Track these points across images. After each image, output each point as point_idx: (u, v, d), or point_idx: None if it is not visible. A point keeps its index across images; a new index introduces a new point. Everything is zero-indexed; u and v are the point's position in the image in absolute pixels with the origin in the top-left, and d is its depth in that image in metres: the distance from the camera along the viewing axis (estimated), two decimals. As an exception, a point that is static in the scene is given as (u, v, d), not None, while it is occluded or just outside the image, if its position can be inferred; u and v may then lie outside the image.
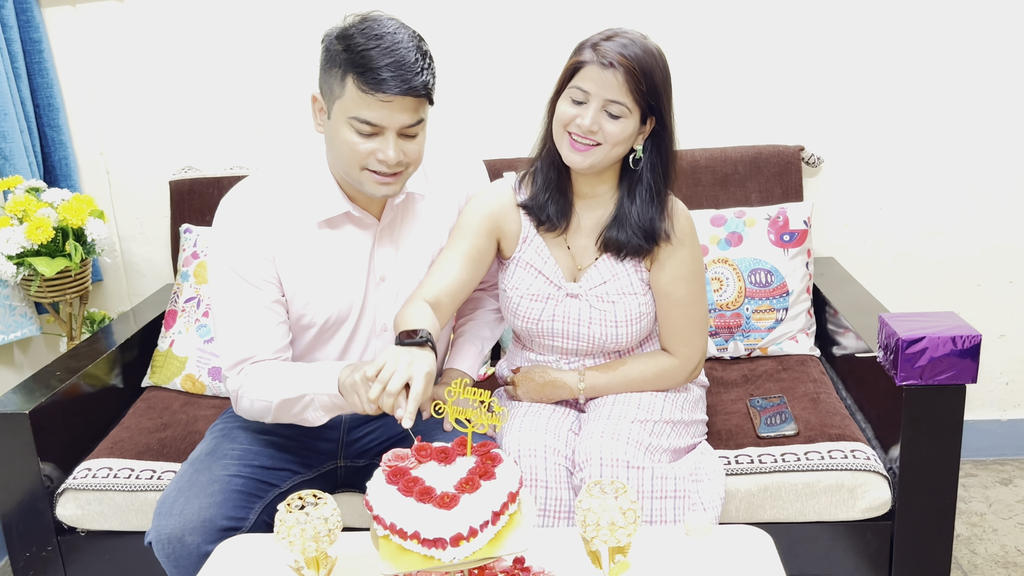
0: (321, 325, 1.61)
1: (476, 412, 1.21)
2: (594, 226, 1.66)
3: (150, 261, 2.60)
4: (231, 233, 1.54)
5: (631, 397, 1.66)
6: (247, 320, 1.55)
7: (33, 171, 2.38)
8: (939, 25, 2.29)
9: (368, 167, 1.47)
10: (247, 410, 1.58)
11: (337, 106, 1.45)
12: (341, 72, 1.42)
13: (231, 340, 1.55)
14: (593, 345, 1.69)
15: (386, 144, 1.44)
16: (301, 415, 1.53)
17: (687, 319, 1.67)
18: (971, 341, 1.57)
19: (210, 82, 2.45)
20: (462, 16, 2.36)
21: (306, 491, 1.20)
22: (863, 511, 1.69)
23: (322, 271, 1.58)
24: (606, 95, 1.51)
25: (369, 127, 1.43)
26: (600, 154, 1.55)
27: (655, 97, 1.54)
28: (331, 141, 1.50)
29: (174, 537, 1.46)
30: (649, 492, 1.51)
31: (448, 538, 1.10)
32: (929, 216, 2.41)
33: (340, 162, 1.50)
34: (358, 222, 1.59)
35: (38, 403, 1.78)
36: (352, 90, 1.42)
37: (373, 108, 1.41)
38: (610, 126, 1.53)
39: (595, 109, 1.52)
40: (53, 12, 2.42)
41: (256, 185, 1.58)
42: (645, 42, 1.54)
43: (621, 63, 1.50)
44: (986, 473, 2.48)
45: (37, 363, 2.47)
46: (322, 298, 1.59)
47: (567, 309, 1.67)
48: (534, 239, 1.68)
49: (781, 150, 2.28)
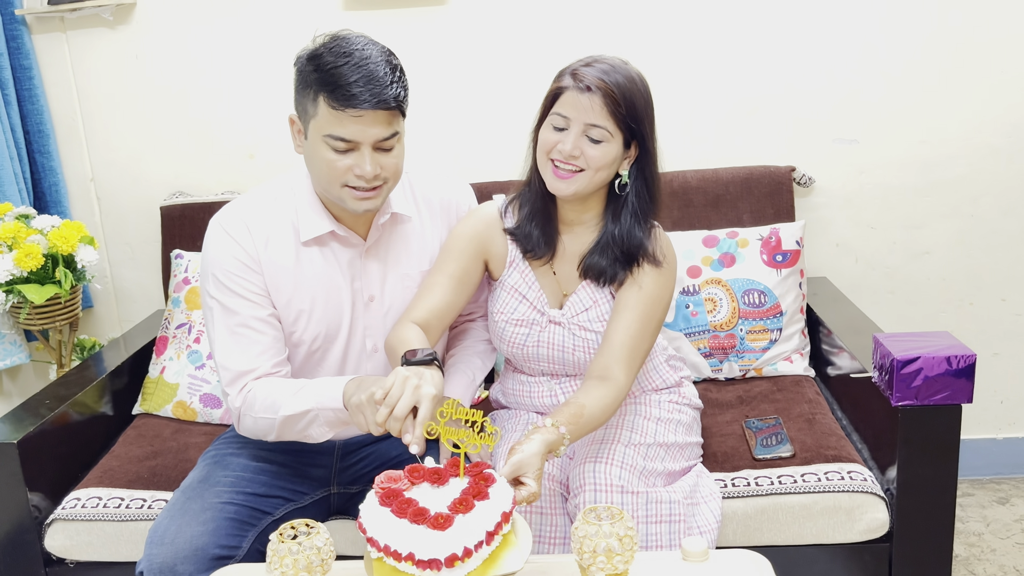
0: (309, 344, 1.61)
1: (468, 433, 1.21)
2: (580, 253, 1.65)
3: (141, 287, 2.58)
4: (221, 250, 1.54)
5: (624, 419, 1.65)
6: (244, 334, 1.54)
7: (23, 198, 2.37)
8: (929, 46, 2.30)
9: (347, 183, 1.48)
10: (250, 428, 1.56)
11: (312, 126, 1.46)
12: (313, 92, 1.44)
13: (229, 356, 1.54)
14: (579, 369, 1.68)
15: (362, 159, 1.45)
16: (305, 431, 1.51)
17: (638, 340, 1.57)
18: (966, 360, 1.57)
19: (200, 108, 2.45)
20: (452, 38, 2.37)
21: (298, 520, 1.19)
22: (861, 533, 1.68)
23: (309, 290, 1.58)
24: (586, 119, 1.51)
25: (344, 143, 1.44)
26: (583, 180, 1.54)
27: (636, 120, 1.53)
28: (310, 161, 1.52)
29: (166, 567, 1.44)
30: (644, 517, 1.50)
31: (443, 559, 1.09)
32: (920, 235, 2.42)
33: (320, 181, 1.51)
34: (344, 241, 1.59)
35: (26, 432, 1.75)
36: (324, 108, 1.43)
37: (346, 124, 1.43)
38: (592, 151, 1.52)
39: (576, 134, 1.52)
40: (43, 39, 2.42)
41: (243, 205, 1.59)
42: (626, 67, 1.55)
43: (600, 87, 1.50)
44: (983, 492, 2.48)
45: (26, 391, 2.45)
46: (309, 317, 1.59)
47: (551, 336, 1.66)
48: (520, 264, 1.68)
49: (772, 171, 2.29)
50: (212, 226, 1.57)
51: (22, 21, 2.37)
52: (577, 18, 2.33)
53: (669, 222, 2.23)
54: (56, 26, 2.41)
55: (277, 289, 1.56)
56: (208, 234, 1.57)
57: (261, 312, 1.55)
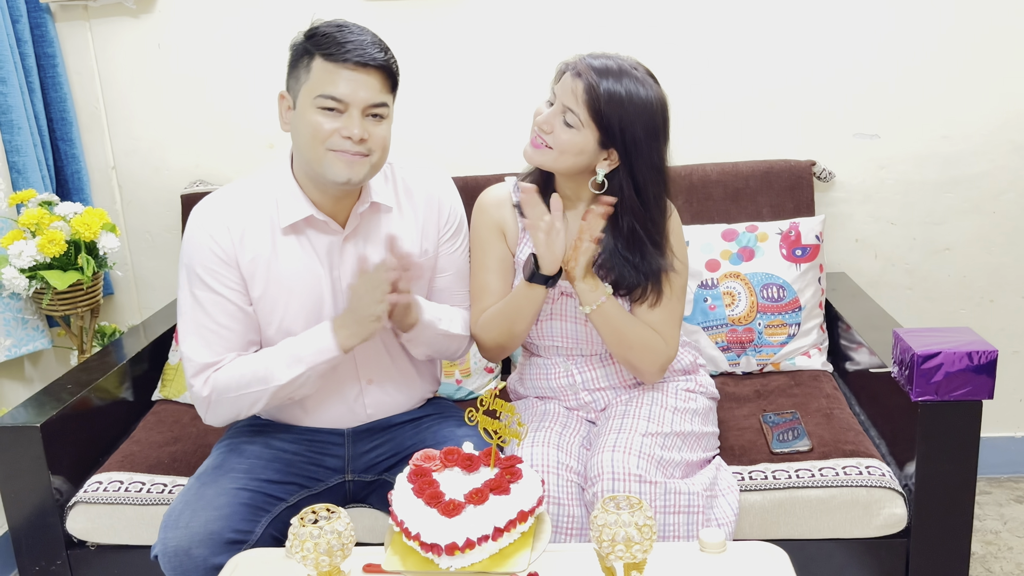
0: (288, 332, 1.60)
1: (500, 425, 1.22)
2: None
3: (161, 274, 2.60)
4: (197, 244, 1.56)
5: (641, 409, 1.65)
6: (213, 329, 1.56)
7: (46, 184, 2.39)
8: (950, 40, 2.29)
9: (332, 147, 1.48)
10: (225, 412, 1.58)
11: (303, 92, 1.48)
12: (307, 60, 1.48)
13: (195, 349, 1.56)
14: (592, 346, 1.71)
15: (351, 121, 1.47)
16: (294, 394, 1.57)
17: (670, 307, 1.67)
18: (987, 356, 1.56)
19: (221, 97, 2.47)
20: (470, 31, 2.37)
21: (319, 505, 1.19)
22: (878, 528, 1.68)
23: (286, 280, 1.58)
24: (565, 101, 1.56)
25: (334, 103, 1.46)
26: (549, 157, 1.59)
27: (615, 124, 1.53)
28: (297, 129, 1.52)
29: (180, 550, 1.45)
30: (662, 507, 1.50)
31: (444, 545, 1.10)
32: (941, 231, 2.40)
33: (304, 148, 1.51)
34: (322, 227, 1.59)
35: (49, 416, 1.77)
36: (319, 68, 1.46)
37: (337, 82, 1.45)
38: (562, 133, 1.56)
39: (555, 112, 1.58)
40: (67, 27, 2.44)
41: (222, 197, 1.60)
42: (634, 72, 1.55)
43: (585, 74, 1.53)
44: (1000, 491, 2.46)
45: (48, 376, 2.47)
46: (287, 306, 1.60)
47: (563, 307, 1.69)
48: (529, 238, 1.70)
49: (793, 165, 2.28)
50: (191, 218, 1.58)
51: (46, 9, 2.39)
52: (594, 13, 2.33)
53: (688, 215, 2.23)
54: (80, 15, 2.43)
55: (253, 280, 1.57)
56: (187, 226, 1.58)
57: (231, 308, 1.56)
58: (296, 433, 1.70)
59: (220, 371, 1.56)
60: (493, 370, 2.18)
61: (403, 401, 1.74)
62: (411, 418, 1.74)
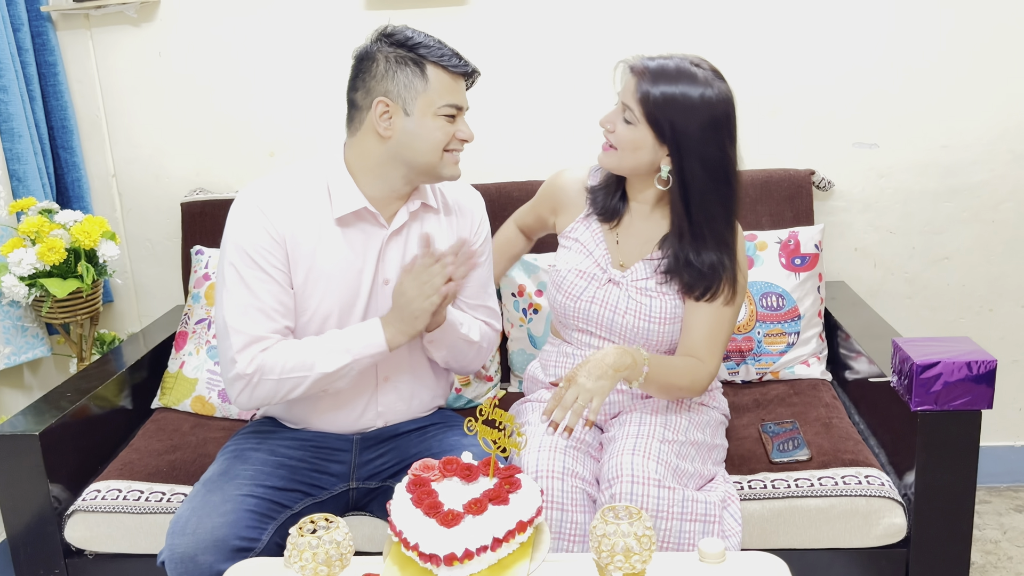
0: (322, 321, 1.62)
1: (499, 435, 1.22)
2: (645, 231, 1.71)
3: (161, 282, 2.60)
4: (250, 222, 1.57)
5: (657, 416, 1.66)
6: (259, 305, 1.57)
7: (46, 192, 2.39)
8: (949, 50, 2.29)
9: (450, 148, 1.59)
10: (259, 397, 1.58)
11: (422, 101, 1.54)
12: (419, 68, 1.54)
13: (241, 322, 1.56)
14: (625, 337, 1.70)
15: (464, 123, 1.60)
16: (334, 383, 1.60)
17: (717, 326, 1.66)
18: (987, 366, 1.56)
19: (221, 105, 2.47)
20: (473, 38, 2.38)
21: (318, 514, 1.19)
22: (878, 538, 1.68)
23: (329, 267, 1.60)
24: (623, 99, 1.61)
25: (456, 110, 1.57)
26: (615, 158, 1.63)
27: (664, 122, 1.55)
28: (413, 134, 1.56)
29: (187, 556, 1.45)
30: (679, 513, 1.50)
31: (442, 556, 1.09)
32: (940, 240, 2.41)
33: (423, 151, 1.57)
34: (372, 220, 1.63)
35: (48, 425, 1.77)
36: (441, 78, 1.54)
37: (456, 91, 1.57)
38: (622, 129, 1.61)
39: (616, 110, 1.63)
40: (68, 35, 2.45)
41: (273, 181, 1.63)
42: (692, 69, 1.58)
43: (639, 71, 1.57)
44: (1000, 500, 2.46)
45: (47, 384, 2.47)
46: (324, 294, 1.61)
47: (607, 294, 1.71)
48: (592, 222, 1.75)
49: (792, 174, 2.29)
50: (242, 200, 1.60)
51: (48, 18, 2.40)
52: (596, 20, 2.34)
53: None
54: (81, 23, 2.44)
55: (296, 264, 1.59)
56: (237, 207, 1.60)
57: (277, 289, 1.58)
58: (302, 439, 1.70)
59: (267, 351, 1.57)
60: (492, 378, 2.18)
61: (415, 406, 1.75)
62: (417, 426, 1.74)
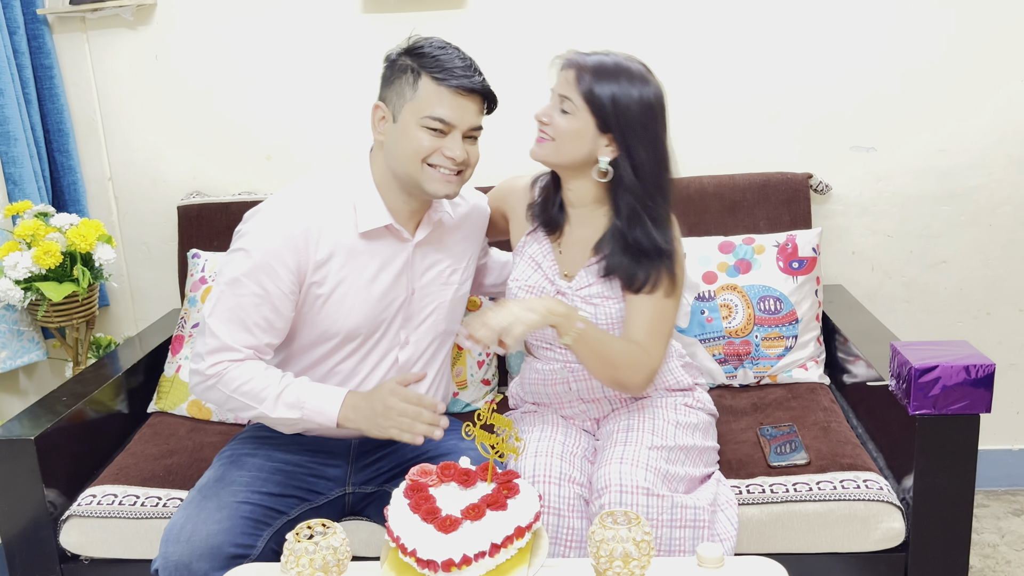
0: (348, 332, 1.63)
1: (497, 439, 1.21)
2: (584, 238, 1.70)
3: (157, 286, 2.59)
4: (273, 236, 1.55)
5: (644, 423, 1.65)
6: (243, 314, 1.56)
7: (42, 196, 2.38)
8: (948, 54, 2.29)
9: (431, 162, 1.55)
10: (214, 398, 1.61)
11: (408, 109, 1.54)
12: (413, 76, 1.53)
13: (221, 328, 1.56)
14: None
15: (454, 142, 1.54)
16: (274, 425, 1.63)
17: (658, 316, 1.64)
18: (985, 370, 1.56)
19: (218, 109, 2.47)
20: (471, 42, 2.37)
21: (314, 520, 1.19)
22: (876, 542, 1.67)
23: (356, 278, 1.61)
24: (560, 91, 1.62)
25: (441, 124, 1.52)
26: (551, 148, 1.63)
27: (608, 105, 1.57)
28: (396, 141, 1.56)
29: (182, 564, 1.44)
30: (669, 521, 1.50)
31: (440, 562, 1.09)
32: (938, 244, 2.41)
33: (403, 160, 1.56)
34: (397, 235, 1.64)
35: (43, 429, 1.76)
36: (427, 88, 1.52)
37: (445, 104, 1.52)
38: (559, 119, 1.61)
39: (552, 103, 1.64)
40: (64, 38, 2.44)
41: (303, 193, 1.61)
42: (628, 64, 1.60)
43: (576, 63, 1.60)
44: (998, 504, 2.46)
45: (43, 388, 2.46)
46: (352, 306, 1.61)
47: None
48: (539, 235, 1.76)
49: (789, 177, 2.29)
50: (271, 209, 1.58)
51: (44, 21, 2.39)
52: (594, 22, 2.34)
53: (685, 228, 2.20)
54: (77, 26, 2.43)
55: (324, 279, 1.59)
56: (264, 215, 1.58)
57: (267, 308, 1.56)
58: (299, 443, 1.69)
59: (234, 364, 1.57)
60: (490, 382, 2.17)
61: None
62: None
